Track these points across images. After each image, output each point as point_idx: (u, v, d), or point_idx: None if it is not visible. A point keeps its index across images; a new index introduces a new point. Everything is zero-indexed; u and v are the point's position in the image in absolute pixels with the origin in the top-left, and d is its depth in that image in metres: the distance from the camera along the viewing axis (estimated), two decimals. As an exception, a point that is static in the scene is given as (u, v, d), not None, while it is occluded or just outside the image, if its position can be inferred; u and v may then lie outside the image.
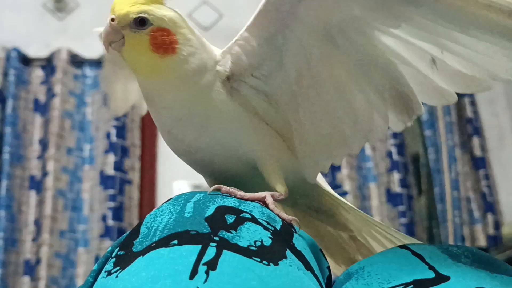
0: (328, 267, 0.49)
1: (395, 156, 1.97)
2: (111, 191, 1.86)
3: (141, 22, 0.49)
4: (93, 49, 2.02)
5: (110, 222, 1.83)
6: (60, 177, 1.88)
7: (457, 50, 0.46)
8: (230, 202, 0.45)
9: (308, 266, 0.43)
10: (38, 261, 1.78)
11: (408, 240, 0.58)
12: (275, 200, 0.49)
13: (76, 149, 1.96)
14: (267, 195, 0.48)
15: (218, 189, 0.48)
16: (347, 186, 1.92)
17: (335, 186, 1.93)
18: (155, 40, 0.49)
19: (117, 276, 0.39)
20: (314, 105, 0.51)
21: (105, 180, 1.88)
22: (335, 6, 0.46)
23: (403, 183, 1.94)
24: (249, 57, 0.50)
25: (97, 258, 1.79)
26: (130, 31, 0.49)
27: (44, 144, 1.92)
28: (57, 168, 1.88)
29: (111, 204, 1.85)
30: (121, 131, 1.94)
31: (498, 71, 0.45)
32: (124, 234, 0.45)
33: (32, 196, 1.87)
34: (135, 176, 1.95)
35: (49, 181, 1.85)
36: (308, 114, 0.51)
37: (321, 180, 0.58)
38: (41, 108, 1.98)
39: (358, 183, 1.97)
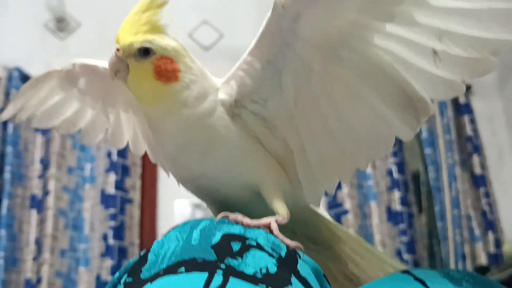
0: None
1: (396, 174, 1.97)
2: (112, 210, 1.86)
3: (145, 51, 0.51)
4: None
5: (111, 241, 1.83)
6: (61, 196, 1.88)
7: (454, 32, 0.45)
8: (236, 230, 0.46)
9: None
10: (39, 280, 1.77)
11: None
12: (279, 224, 0.49)
13: (77, 168, 1.96)
14: (271, 220, 0.49)
15: (225, 217, 0.48)
16: (347, 204, 1.92)
17: (336, 204, 1.93)
18: (159, 68, 0.51)
19: None
20: (313, 126, 0.51)
21: (106, 199, 1.88)
22: (331, 13, 0.46)
23: (404, 201, 1.94)
24: (253, 80, 0.51)
25: (98, 278, 1.78)
26: (135, 61, 0.51)
27: (45, 163, 1.92)
28: (58, 187, 1.88)
29: (112, 223, 1.84)
30: (122, 150, 1.92)
31: (497, 44, 0.45)
32: (132, 260, 0.45)
33: (33, 215, 1.87)
34: (136, 195, 1.95)
35: (50, 200, 1.85)
36: (308, 135, 0.51)
37: (320, 209, 0.59)
38: (42, 127, 1.98)
39: (358, 201, 1.97)
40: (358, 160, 0.52)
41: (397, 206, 1.93)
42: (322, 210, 0.59)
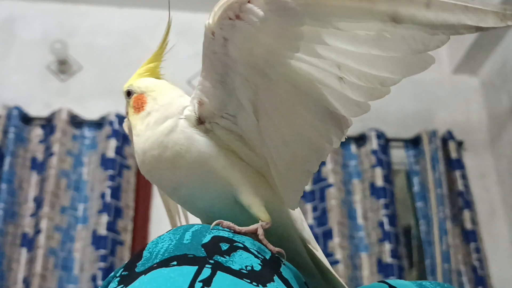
0: None
1: (387, 227, 1.98)
2: (102, 252, 1.86)
3: (128, 93, 0.65)
4: (92, 110, 2.07)
5: (100, 283, 1.82)
6: (52, 236, 1.89)
7: (347, 64, 0.52)
8: (225, 233, 0.50)
9: None
10: (25, 320, 1.76)
11: None
12: (264, 229, 0.54)
13: (70, 208, 1.97)
14: (258, 227, 0.54)
15: (219, 224, 0.52)
16: (338, 254, 1.93)
17: (327, 254, 1.94)
18: (134, 103, 0.64)
19: None
20: (274, 137, 0.56)
21: (97, 240, 1.88)
22: (251, 41, 0.52)
23: (394, 254, 1.95)
24: (209, 98, 0.57)
25: (84, 319, 1.77)
26: (128, 101, 0.65)
27: (38, 202, 1.93)
28: (50, 227, 1.89)
29: (102, 264, 1.84)
30: (116, 192, 1.96)
31: (383, 80, 0.51)
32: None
33: (23, 253, 1.87)
34: (127, 237, 1.95)
35: (41, 239, 1.85)
36: (272, 146, 0.56)
37: (313, 242, 0.61)
38: (38, 166, 2.00)
39: (349, 252, 1.97)
40: (309, 164, 0.57)
41: (388, 259, 1.94)
42: (315, 244, 0.61)
